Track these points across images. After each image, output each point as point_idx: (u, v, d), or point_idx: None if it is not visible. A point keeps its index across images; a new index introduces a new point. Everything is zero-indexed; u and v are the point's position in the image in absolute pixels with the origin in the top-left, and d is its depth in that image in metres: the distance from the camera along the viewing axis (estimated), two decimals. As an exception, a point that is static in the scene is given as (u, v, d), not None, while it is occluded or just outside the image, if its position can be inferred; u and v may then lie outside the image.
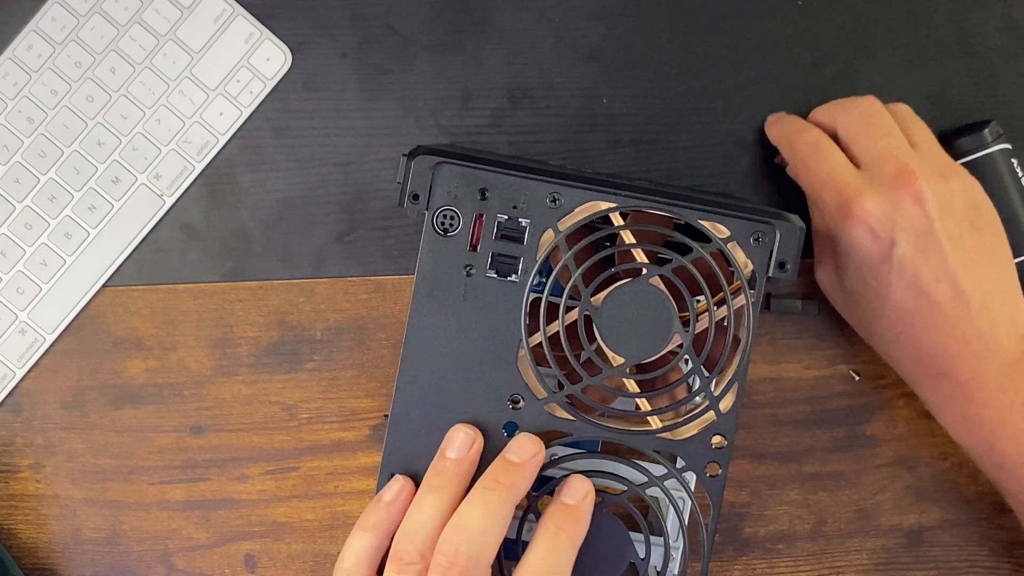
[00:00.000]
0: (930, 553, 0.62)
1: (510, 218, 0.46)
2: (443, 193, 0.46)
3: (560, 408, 0.46)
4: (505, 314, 0.46)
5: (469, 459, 0.45)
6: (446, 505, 0.44)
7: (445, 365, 0.46)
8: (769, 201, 0.61)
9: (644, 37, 0.61)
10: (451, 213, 0.46)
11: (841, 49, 0.62)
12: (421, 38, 0.61)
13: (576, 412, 0.46)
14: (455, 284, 0.46)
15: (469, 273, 0.46)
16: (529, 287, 0.46)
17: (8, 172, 0.60)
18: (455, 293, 0.46)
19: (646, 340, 0.45)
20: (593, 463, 0.47)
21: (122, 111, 0.60)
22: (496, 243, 0.46)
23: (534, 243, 0.46)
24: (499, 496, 0.43)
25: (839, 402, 0.62)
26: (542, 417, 0.46)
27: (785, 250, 0.45)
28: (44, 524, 0.60)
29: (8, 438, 0.60)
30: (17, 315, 0.60)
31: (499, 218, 0.46)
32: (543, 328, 0.46)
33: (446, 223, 0.46)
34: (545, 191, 0.46)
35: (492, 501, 0.43)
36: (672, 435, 0.47)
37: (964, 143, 0.59)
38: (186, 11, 0.60)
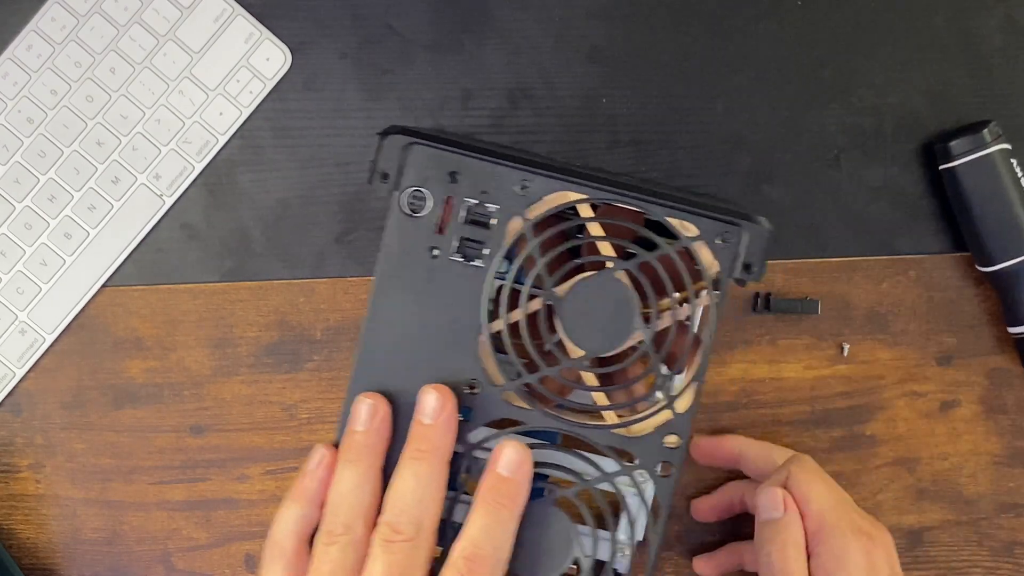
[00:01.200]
0: (930, 553, 0.62)
1: (479, 203, 0.46)
2: (413, 174, 0.46)
3: (517, 397, 0.46)
4: (468, 299, 0.46)
5: (375, 429, 0.45)
6: (361, 477, 0.44)
7: (405, 346, 0.46)
8: (770, 202, 0.61)
9: (644, 37, 0.61)
10: (420, 194, 0.46)
11: (841, 49, 0.62)
12: (421, 38, 0.61)
13: (532, 402, 0.46)
14: (420, 265, 0.46)
15: (434, 255, 0.46)
16: (493, 273, 0.45)
17: (8, 172, 0.60)
18: (419, 274, 0.46)
19: (607, 334, 0.45)
20: (545, 454, 0.47)
21: (122, 111, 0.60)
22: (463, 227, 0.46)
23: (501, 229, 0.45)
24: (425, 464, 0.43)
25: (839, 402, 0.62)
26: (498, 405, 0.46)
27: (752, 252, 0.45)
28: (44, 524, 0.60)
29: (8, 438, 0.60)
30: (17, 315, 0.60)
31: (468, 202, 0.46)
32: (504, 315, 0.45)
33: (415, 204, 0.46)
34: (516, 178, 0.45)
35: (420, 470, 0.43)
36: (627, 432, 0.46)
37: (964, 143, 0.59)
38: (186, 11, 0.60)
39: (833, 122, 0.62)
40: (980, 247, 0.60)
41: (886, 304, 0.62)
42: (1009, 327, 0.61)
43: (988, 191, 0.58)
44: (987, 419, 0.63)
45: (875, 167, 0.62)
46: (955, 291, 0.62)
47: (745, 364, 0.61)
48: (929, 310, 0.62)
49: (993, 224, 0.59)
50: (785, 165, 0.61)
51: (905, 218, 0.62)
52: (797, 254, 0.61)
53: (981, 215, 0.59)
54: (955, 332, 0.62)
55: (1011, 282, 0.60)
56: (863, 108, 0.62)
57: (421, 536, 0.43)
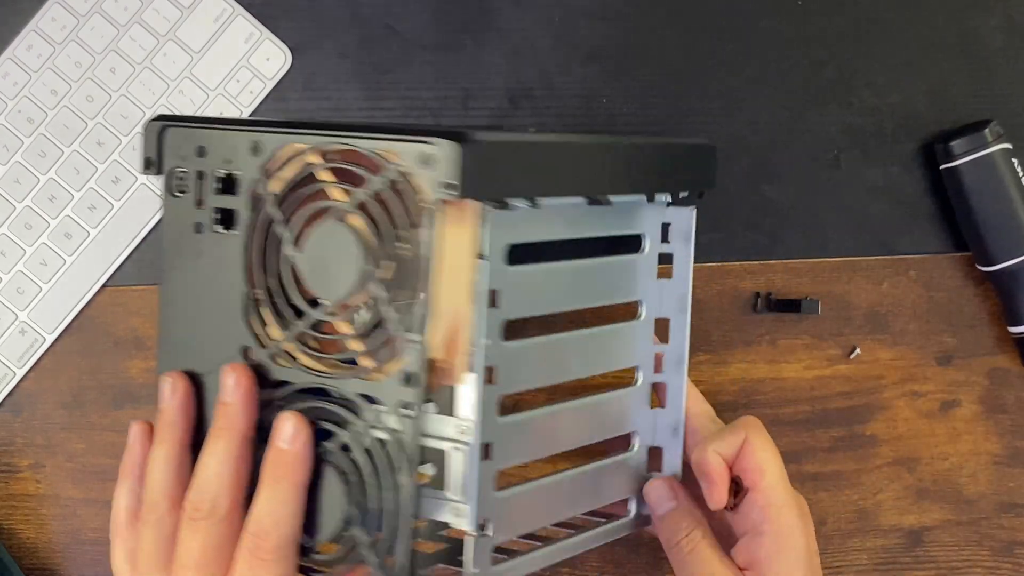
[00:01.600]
0: (930, 553, 0.62)
1: (227, 172, 0.46)
2: (171, 155, 0.47)
3: (281, 358, 0.46)
4: (232, 266, 0.46)
5: (176, 407, 0.46)
6: (166, 455, 0.45)
7: (196, 323, 0.47)
8: (770, 202, 0.61)
9: (644, 37, 0.61)
10: (181, 174, 0.47)
11: (841, 49, 0.62)
12: (421, 38, 0.61)
13: (293, 361, 0.45)
14: (190, 242, 0.47)
15: (199, 229, 0.47)
16: (245, 237, 0.46)
17: (8, 172, 0.60)
18: (190, 251, 0.47)
19: (341, 279, 0.44)
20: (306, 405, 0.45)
21: (122, 111, 0.60)
22: (216, 197, 0.46)
23: (247, 193, 0.46)
24: (222, 442, 0.44)
25: (839, 402, 0.62)
26: (273, 369, 0.46)
27: (448, 171, 0.41)
28: (44, 524, 0.60)
29: (8, 438, 0.60)
30: (17, 315, 0.60)
31: (217, 172, 0.46)
32: (255, 277, 0.46)
33: (179, 184, 0.47)
34: (246, 140, 0.45)
35: (218, 448, 0.44)
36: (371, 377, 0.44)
37: (964, 142, 0.59)
38: (186, 11, 0.60)
39: (833, 122, 0.62)
40: (981, 247, 0.60)
41: (886, 304, 0.62)
42: (1009, 327, 0.61)
43: (989, 191, 0.58)
44: (987, 419, 0.63)
45: (875, 167, 0.62)
46: (955, 291, 0.62)
47: (745, 364, 0.61)
48: (929, 310, 0.62)
49: (994, 224, 0.59)
50: (785, 165, 0.61)
51: (905, 218, 0.62)
52: (797, 254, 0.62)
53: (982, 215, 0.59)
54: (955, 332, 0.62)
55: (1011, 282, 0.60)
56: (863, 108, 0.62)
57: (219, 513, 0.43)
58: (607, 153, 0.50)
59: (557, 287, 0.48)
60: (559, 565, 0.60)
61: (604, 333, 0.51)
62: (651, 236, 0.52)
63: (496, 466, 0.45)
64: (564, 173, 0.47)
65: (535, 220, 0.47)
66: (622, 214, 0.51)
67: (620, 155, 0.50)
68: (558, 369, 0.49)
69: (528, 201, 0.46)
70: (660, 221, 0.53)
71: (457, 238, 0.43)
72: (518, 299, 0.46)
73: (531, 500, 0.48)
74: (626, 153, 0.50)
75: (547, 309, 0.48)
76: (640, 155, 0.51)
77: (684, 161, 0.53)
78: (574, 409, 0.50)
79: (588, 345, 0.50)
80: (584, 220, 0.49)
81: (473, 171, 0.41)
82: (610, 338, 0.51)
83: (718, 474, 0.51)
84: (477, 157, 0.42)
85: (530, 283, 0.47)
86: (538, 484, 0.49)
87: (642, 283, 0.52)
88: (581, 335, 0.50)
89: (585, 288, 0.50)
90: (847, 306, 0.62)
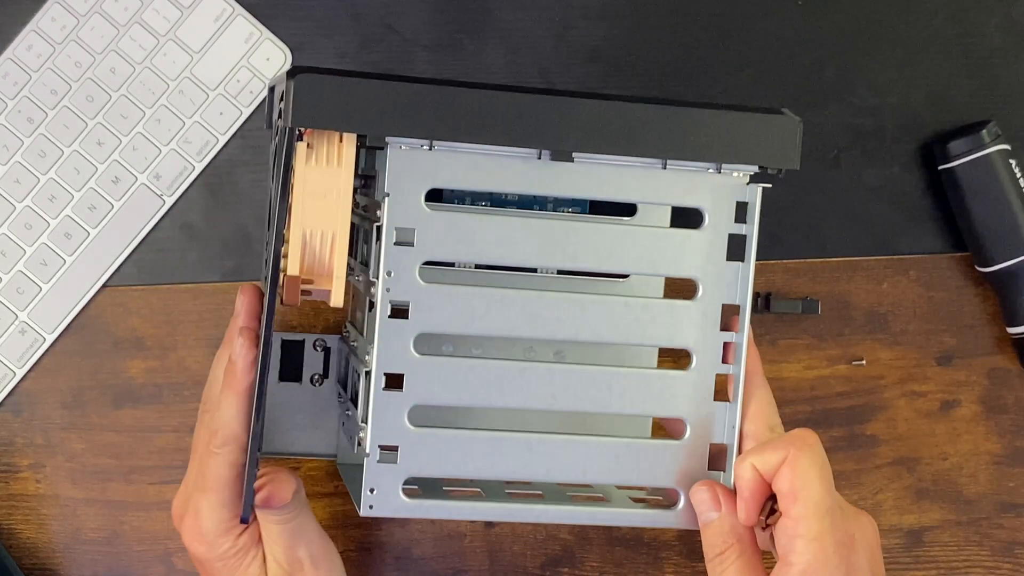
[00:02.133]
0: (930, 553, 0.62)
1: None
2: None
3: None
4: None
5: (243, 313, 0.52)
6: (233, 398, 0.51)
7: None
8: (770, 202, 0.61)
9: (644, 37, 0.61)
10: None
11: (841, 49, 0.62)
12: (421, 38, 0.61)
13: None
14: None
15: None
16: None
17: (8, 172, 0.60)
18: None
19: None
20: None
21: (122, 111, 0.60)
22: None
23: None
24: (231, 391, 0.50)
25: (839, 402, 0.62)
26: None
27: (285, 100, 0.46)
28: (44, 524, 0.60)
29: (8, 438, 0.60)
30: (17, 315, 0.60)
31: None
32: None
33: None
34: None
35: (229, 398, 0.50)
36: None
37: (962, 143, 0.59)
38: (186, 11, 0.60)
39: (833, 122, 0.62)
40: (979, 247, 0.60)
41: (886, 304, 0.62)
42: (1008, 327, 0.61)
43: (987, 192, 0.58)
44: (987, 419, 0.63)
45: (875, 167, 0.62)
46: (955, 291, 0.62)
47: (745, 364, 0.61)
48: (929, 310, 0.62)
49: (992, 224, 0.59)
50: (785, 165, 0.61)
51: (905, 218, 0.62)
52: (797, 254, 0.62)
53: (980, 215, 0.59)
54: (955, 332, 0.62)
55: (1010, 282, 0.60)
56: (863, 108, 0.62)
57: (230, 445, 0.50)
58: (564, 107, 0.48)
59: (513, 241, 0.48)
60: (559, 565, 0.60)
61: (602, 300, 0.50)
62: (714, 212, 0.50)
63: (410, 399, 0.48)
64: (486, 121, 0.47)
65: (468, 167, 0.48)
66: (642, 180, 0.49)
67: (587, 111, 0.48)
68: (505, 322, 0.49)
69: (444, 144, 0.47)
70: (723, 197, 0.50)
71: (324, 168, 0.46)
72: (447, 243, 0.48)
73: (468, 446, 0.49)
74: (593, 111, 0.48)
75: (492, 260, 0.49)
76: (619, 116, 0.48)
77: (716, 128, 0.49)
78: (539, 370, 0.49)
79: (559, 305, 0.49)
80: (557, 179, 0.48)
81: (307, 102, 0.45)
82: (619, 308, 0.50)
83: (749, 490, 0.48)
84: (312, 90, 0.45)
85: (463, 229, 0.48)
86: (477, 434, 0.49)
87: (690, 260, 0.50)
88: (541, 293, 0.49)
89: (564, 250, 0.49)
90: (847, 306, 0.62)
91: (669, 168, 0.49)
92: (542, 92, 0.48)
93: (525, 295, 0.49)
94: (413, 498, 0.48)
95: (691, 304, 0.50)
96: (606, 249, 0.49)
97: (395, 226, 0.47)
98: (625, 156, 0.48)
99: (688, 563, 0.61)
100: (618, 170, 0.49)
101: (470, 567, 0.61)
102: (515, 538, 0.61)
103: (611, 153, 0.48)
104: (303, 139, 0.46)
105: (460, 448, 0.49)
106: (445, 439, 0.49)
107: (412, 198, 0.47)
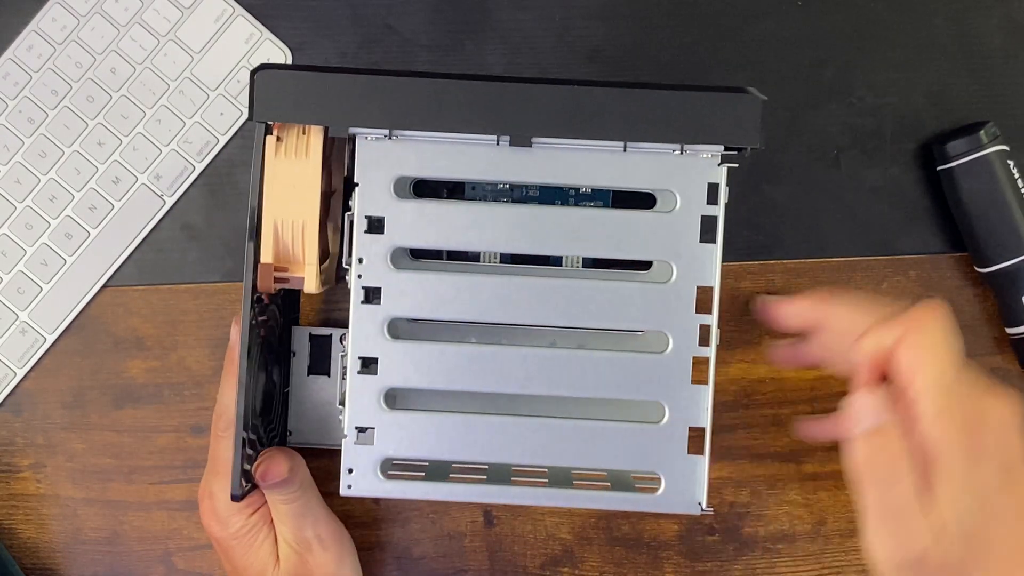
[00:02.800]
0: (930, 553, 0.62)
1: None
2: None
3: None
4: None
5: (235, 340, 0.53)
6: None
7: None
8: (770, 202, 0.61)
9: (644, 37, 0.61)
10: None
11: (841, 49, 0.62)
12: (421, 38, 0.61)
13: None
14: None
15: None
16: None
17: (8, 172, 0.60)
18: None
19: None
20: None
21: (122, 111, 0.60)
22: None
23: None
24: (231, 377, 0.52)
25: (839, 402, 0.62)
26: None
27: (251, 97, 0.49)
28: (44, 524, 0.60)
29: (8, 438, 0.60)
30: (18, 315, 0.60)
31: None
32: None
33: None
34: None
35: (229, 382, 0.52)
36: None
37: (960, 144, 0.59)
38: (186, 11, 0.60)
39: (833, 122, 0.62)
40: (977, 248, 0.60)
41: (886, 304, 0.62)
42: (1007, 327, 0.61)
43: (985, 192, 0.58)
44: (987, 419, 0.62)
45: (875, 167, 0.62)
46: (954, 291, 0.62)
47: (745, 364, 0.61)
48: (929, 310, 0.62)
49: (990, 225, 0.59)
50: (785, 165, 0.62)
51: (905, 218, 0.62)
52: (797, 254, 0.62)
53: (978, 216, 0.59)
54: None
55: (1008, 283, 0.60)
56: (863, 108, 0.62)
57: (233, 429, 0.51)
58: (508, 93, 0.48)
59: (481, 227, 0.49)
60: (559, 565, 0.60)
61: (575, 284, 0.50)
62: (685, 193, 0.49)
63: (383, 382, 0.50)
64: (443, 109, 0.48)
65: (432, 155, 0.49)
66: (611, 164, 0.49)
67: (542, 96, 0.48)
68: (475, 307, 0.50)
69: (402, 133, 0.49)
70: (694, 178, 0.49)
71: (292, 160, 0.49)
72: (415, 229, 0.49)
73: (441, 428, 0.50)
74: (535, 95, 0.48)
75: (460, 245, 0.50)
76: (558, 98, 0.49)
77: (659, 108, 0.49)
78: (501, 352, 0.50)
79: (529, 290, 0.50)
80: (520, 165, 0.49)
81: (267, 97, 0.48)
82: (592, 293, 0.50)
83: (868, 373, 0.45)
84: (272, 85, 0.48)
85: (430, 216, 0.49)
86: (450, 416, 0.50)
87: (658, 242, 0.50)
88: (510, 278, 0.50)
89: (532, 234, 0.49)
90: (847, 306, 0.62)
91: (631, 151, 0.49)
92: (498, 79, 0.48)
93: (494, 280, 0.50)
94: (392, 480, 0.50)
95: (666, 287, 0.50)
96: (576, 233, 0.50)
97: (364, 214, 0.49)
98: (585, 140, 0.49)
99: (688, 563, 0.61)
100: (581, 154, 0.49)
101: (470, 567, 0.61)
102: (515, 538, 0.61)
103: (569, 137, 0.49)
104: (272, 133, 0.49)
105: (433, 430, 0.50)
106: (418, 421, 0.50)
107: (380, 187, 0.49)
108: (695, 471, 0.50)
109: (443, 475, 0.51)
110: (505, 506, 0.61)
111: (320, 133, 0.49)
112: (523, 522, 0.61)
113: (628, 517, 0.61)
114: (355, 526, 0.60)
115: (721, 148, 0.49)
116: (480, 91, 0.48)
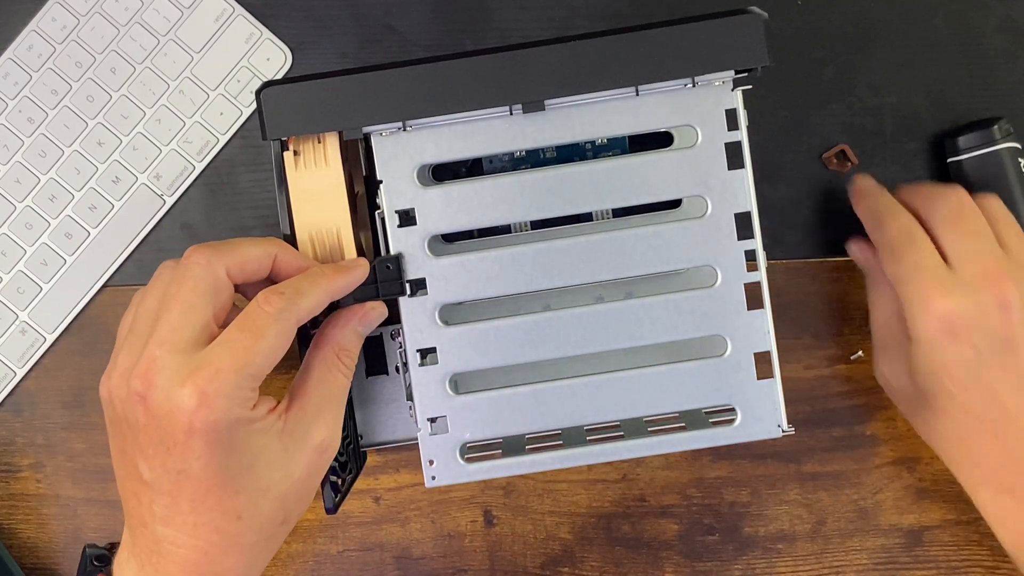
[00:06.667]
0: (930, 553, 0.62)
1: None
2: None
3: None
4: None
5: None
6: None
7: None
8: (770, 202, 0.61)
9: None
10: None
11: (841, 49, 0.62)
12: (421, 38, 0.61)
13: None
14: None
15: None
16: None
17: (8, 172, 0.60)
18: None
19: None
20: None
21: (122, 111, 0.60)
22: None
23: None
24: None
25: (839, 402, 0.62)
26: None
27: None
28: (44, 524, 0.60)
29: (8, 438, 0.60)
30: (18, 315, 0.60)
31: None
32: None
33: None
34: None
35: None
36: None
37: (972, 138, 0.59)
38: (186, 11, 0.60)
39: (833, 122, 0.62)
40: (980, 247, 0.60)
41: (886, 304, 0.62)
42: (1009, 327, 0.61)
43: (993, 187, 0.58)
44: (987, 419, 0.62)
45: (875, 167, 0.62)
46: (955, 291, 0.62)
47: (745, 364, 0.61)
48: (929, 310, 0.62)
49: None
50: (785, 165, 0.62)
51: (905, 218, 0.62)
52: (797, 254, 0.62)
53: (983, 213, 0.59)
54: (955, 332, 0.62)
55: (1011, 282, 0.59)
56: (863, 108, 0.62)
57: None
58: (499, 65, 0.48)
59: (510, 199, 0.49)
60: (559, 564, 0.60)
61: (614, 236, 0.50)
62: (705, 124, 0.50)
63: (446, 369, 0.50)
64: (449, 91, 0.48)
65: (449, 138, 0.49)
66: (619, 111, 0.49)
67: (542, 59, 0.48)
68: (521, 277, 0.50)
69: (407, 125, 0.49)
70: (711, 108, 0.49)
71: (313, 171, 0.49)
72: (447, 215, 0.49)
73: (512, 402, 0.50)
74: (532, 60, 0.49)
75: (493, 221, 0.50)
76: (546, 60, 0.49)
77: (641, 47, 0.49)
78: (550, 320, 0.50)
79: (570, 251, 0.50)
80: (539, 130, 0.49)
81: (276, 114, 0.48)
82: (633, 241, 0.50)
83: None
84: (278, 101, 0.48)
85: (462, 199, 0.49)
86: (518, 390, 0.50)
87: (687, 178, 0.50)
88: (550, 243, 0.50)
89: (562, 196, 0.49)
90: (847, 306, 0.62)
91: (644, 94, 0.49)
92: (500, 50, 0.48)
93: (534, 248, 0.50)
94: (473, 463, 0.50)
95: (704, 221, 0.50)
96: (605, 185, 0.50)
97: (395, 209, 0.49)
98: (596, 93, 0.49)
99: (688, 563, 0.61)
100: (595, 107, 0.49)
101: (470, 567, 0.61)
102: (515, 538, 0.61)
103: (581, 93, 0.48)
104: (288, 148, 0.49)
105: (504, 407, 0.50)
106: (487, 401, 0.50)
107: (404, 179, 0.49)
108: (769, 395, 0.50)
109: (520, 448, 0.50)
110: (505, 506, 0.61)
111: (335, 139, 0.49)
112: (523, 522, 0.61)
113: (628, 517, 0.61)
114: (355, 526, 0.60)
115: (732, 73, 0.49)
116: (486, 65, 0.48)
